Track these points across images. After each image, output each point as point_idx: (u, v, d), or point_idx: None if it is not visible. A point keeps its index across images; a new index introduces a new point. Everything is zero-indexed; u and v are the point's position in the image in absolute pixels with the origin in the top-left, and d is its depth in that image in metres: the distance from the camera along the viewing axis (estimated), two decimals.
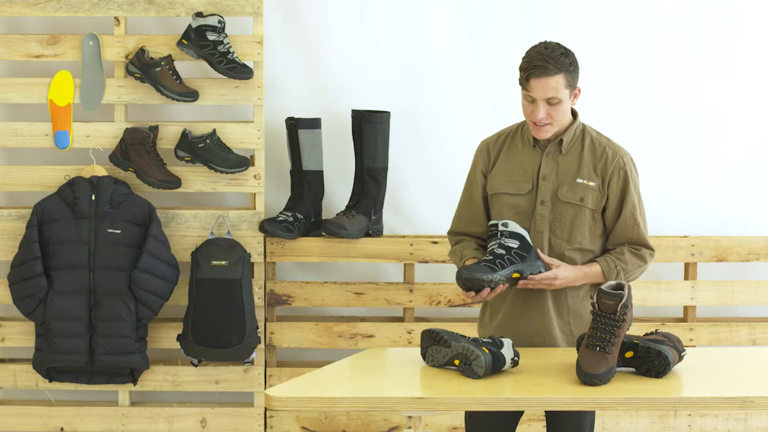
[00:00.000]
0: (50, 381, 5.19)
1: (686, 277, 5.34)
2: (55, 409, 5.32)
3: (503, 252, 3.91)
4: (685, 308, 5.35)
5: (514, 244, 3.92)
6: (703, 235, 5.37)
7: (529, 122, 4.00)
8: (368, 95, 5.39)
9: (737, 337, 5.35)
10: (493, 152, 4.13)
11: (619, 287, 3.74)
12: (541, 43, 3.98)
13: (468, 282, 3.86)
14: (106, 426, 5.31)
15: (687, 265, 5.33)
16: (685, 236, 5.32)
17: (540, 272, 3.93)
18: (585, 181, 4.03)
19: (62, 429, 5.32)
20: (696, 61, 5.44)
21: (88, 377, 5.19)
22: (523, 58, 3.98)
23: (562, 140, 4.03)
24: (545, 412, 4.16)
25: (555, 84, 3.91)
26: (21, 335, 5.28)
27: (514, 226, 3.94)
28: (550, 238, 4.03)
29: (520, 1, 5.39)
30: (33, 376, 5.27)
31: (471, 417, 4.12)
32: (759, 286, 5.33)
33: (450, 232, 4.23)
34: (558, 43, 3.97)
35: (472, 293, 3.90)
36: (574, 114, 4.07)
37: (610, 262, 4.04)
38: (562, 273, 3.98)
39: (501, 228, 3.94)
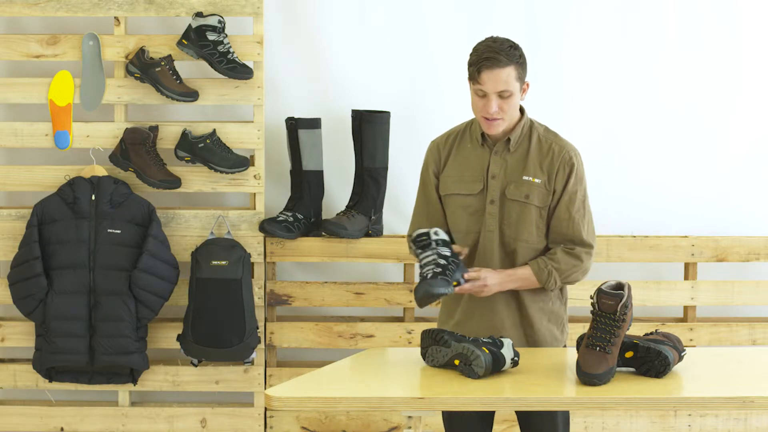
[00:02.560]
0: (50, 381, 5.19)
1: (686, 277, 5.34)
2: (55, 409, 5.32)
3: (445, 262, 3.86)
4: (685, 308, 5.36)
5: (447, 252, 3.88)
6: (703, 235, 5.37)
7: (480, 118, 3.97)
8: (368, 95, 5.40)
9: (737, 337, 5.35)
10: (444, 153, 4.10)
11: (619, 287, 3.74)
12: (488, 38, 3.97)
13: (429, 298, 3.79)
14: (106, 426, 5.31)
15: (687, 265, 5.33)
16: (685, 236, 5.32)
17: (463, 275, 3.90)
18: (530, 178, 4.00)
19: (62, 429, 5.32)
20: (696, 61, 5.44)
21: (88, 377, 5.19)
22: (472, 54, 3.95)
23: (509, 139, 4.01)
24: (516, 414, 4.15)
25: (506, 76, 3.90)
26: (21, 335, 5.28)
27: (443, 234, 3.91)
28: (501, 237, 4.02)
29: (520, 1, 5.40)
30: (33, 376, 5.27)
31: (449, 418, 4.12)
32: (759, 286, 5.33)
33: (410, 236, 4.12)
34: (506, 38, 3.96)
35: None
36: (521, 110, 4.05)
37: (540, 263, 4.00)
38: (491, 279, 3.96)
39: (434, 237, 3.88)
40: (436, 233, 3.89)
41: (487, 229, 4.01)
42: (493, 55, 3.89)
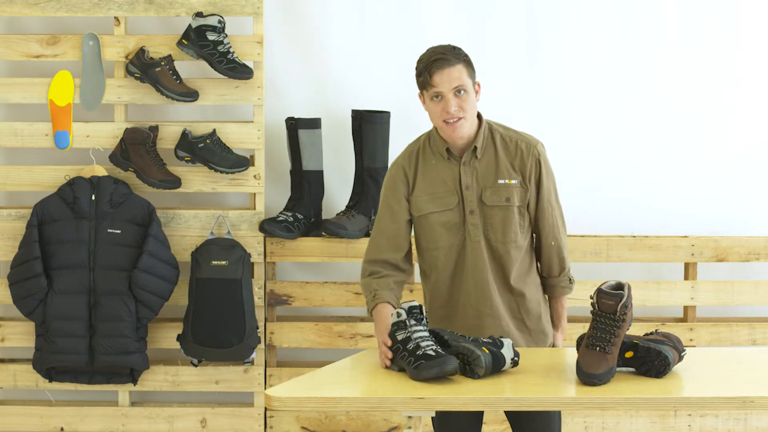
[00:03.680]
0: (50, 381, 5.19)
1: (686, 277, 5.34)
2: (55, 409, 5.32)
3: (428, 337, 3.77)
4: (685, 308, 5.36)
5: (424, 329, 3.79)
6: (703, 235, 5.37)
7: (442, 125, 3.96)
8: (368, 95, 5.40)
9: (737, 337, 5.34)
10: (410, 173, 4.07)
11: (619, 287, 3.74)
12: (429, 48, 4.00)
13: (446, 375, 3.68)
14: (106, 426, 5.31)
15: (687, 265, 5.33)
16: (685, 236, 5.32)
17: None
18: (506, 181, 4.01)
19: (62, 429, 5.32)
20: (696, 61, 5.44)
21: (88, 377, 5.19)
22: (417, 64, 3.98)
23: (476, 147, 4.01)
24: (506, 415, 4.16)
25: (458, 73, 3.92)
26: (21, 335, 5.28)
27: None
28: (488, 244, 4.02)
29: (520, 1, 5.40)
30: (33, 376, 5.27)
31: (439, 419, 4.12)
32: (759, 286, 5.33)
33: (368, 261, 4.08)
34: (446, 44, 4.00)
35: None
36: (479, 117, 4.05)
37: (562, 283, 4.14)
38: (559, 336, 4.19)
39: (425, 312, 3.79)
40: (426, 310, 3.83)
41: (472, 240, 4.01)
42: (440, 56, 3.93)
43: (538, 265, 4.15)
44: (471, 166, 4.01)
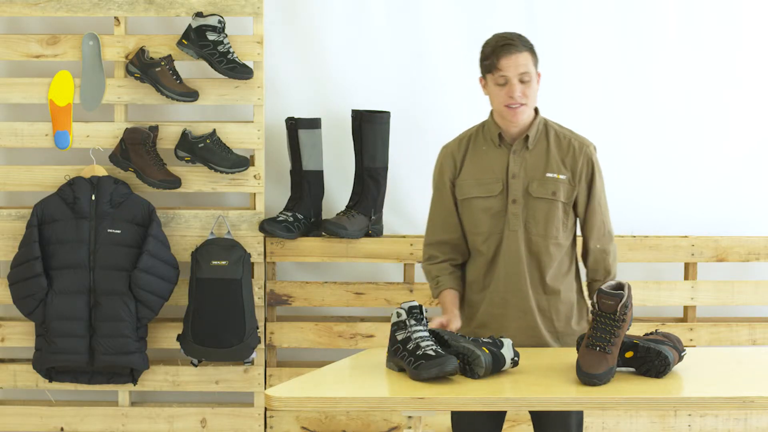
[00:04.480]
0: (50, 381, 5.19)
1: (686, 277, 5.34)
2: (55, 409, 5.32)
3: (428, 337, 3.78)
4: (685, 308, 5.36)
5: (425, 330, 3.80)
6: (703, 235, 5.38)
7: (502, 109, 4.00)
8: (368, 95, 5.40)
9: (737, 337, 5.35)
10: (458, 157, 4.13)
11: (619, 287, 3.74)
12: (495, 34, 4.04)
13: (447, 375, 3.68)
14: (106, 426, 5.31)
15: (687, 265, 5.33)
16: (685, 236, 5.32)
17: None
18: (555, 175, 4.04)
19: (62, 429, 5.32)
20: (696, 62, 5.44)
21: (88, 377, 5.19)
22: (484, 48, 4.03)
23: (527, 137, 4.04)
24: (530, 413, 4.16)
25: (525, 60, 3.98)
26: (21, 335, 5.28)
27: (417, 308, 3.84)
28: (526, 236, 4.04)
29: (520, 1, 5.40)
30: (33, 376, 5.27)
31: (457, 419, 4.12)
32: (759, 286, 5.33)
33: (426, 245, 4.18)
34: (512, 32, 4.06)
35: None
36: (535, 110, 4.09)
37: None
38: None
39: (425, 313, 3.80)
40: (426, 310, 3.86)
41: (510, 229, 4.03)
42: (509, 41, 3.98)
43: (583, 268, 4.17)
44: (521, 155, 4.05)
